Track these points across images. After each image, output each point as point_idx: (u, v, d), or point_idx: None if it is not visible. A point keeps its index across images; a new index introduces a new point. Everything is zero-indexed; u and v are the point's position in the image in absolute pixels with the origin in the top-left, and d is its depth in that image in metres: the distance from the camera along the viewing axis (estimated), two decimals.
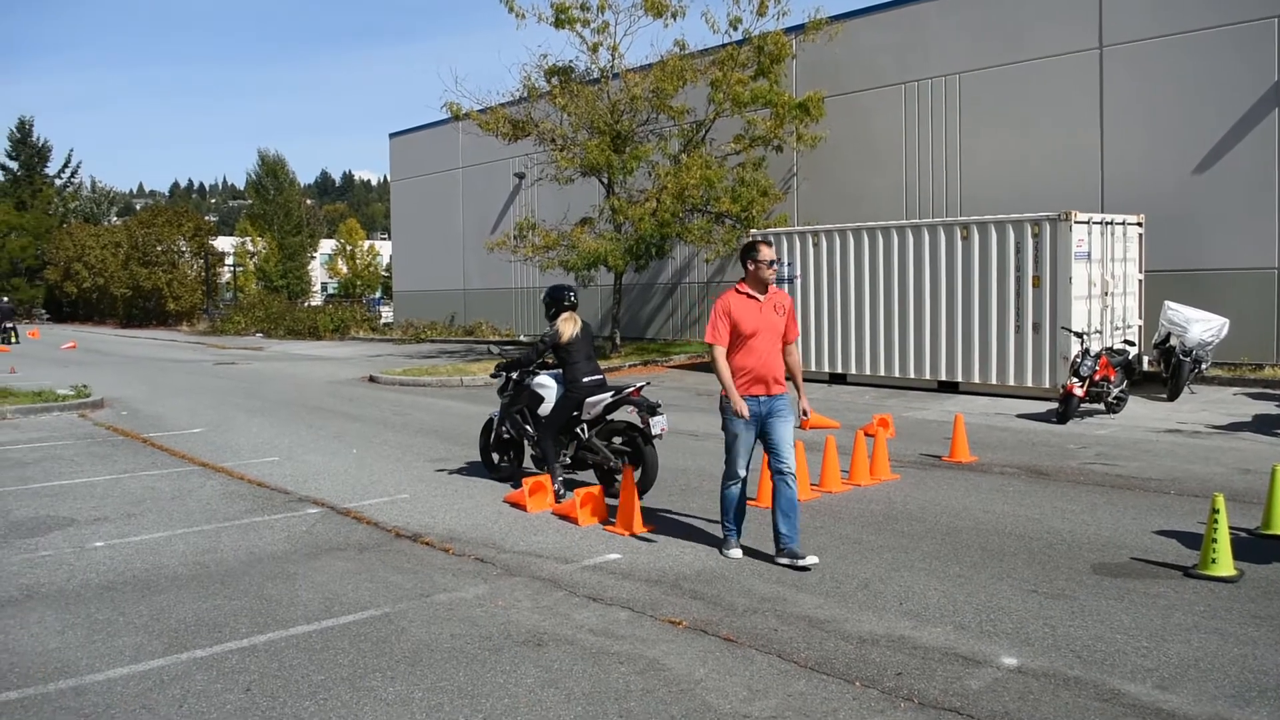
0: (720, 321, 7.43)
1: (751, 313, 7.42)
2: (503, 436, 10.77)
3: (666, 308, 30.45)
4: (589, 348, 9.95)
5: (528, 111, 25.95)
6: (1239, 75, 18.35)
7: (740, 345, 7.41)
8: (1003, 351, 17.13)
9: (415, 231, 41.76)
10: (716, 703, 5.03)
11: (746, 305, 7.45)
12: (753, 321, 7.38)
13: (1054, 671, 5.35)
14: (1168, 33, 19.26)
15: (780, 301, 7.62)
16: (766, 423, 7.48)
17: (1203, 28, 18.78)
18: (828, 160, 24.95)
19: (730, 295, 7.54)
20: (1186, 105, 19.08)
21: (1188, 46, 19.00)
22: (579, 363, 9.77)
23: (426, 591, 6.94)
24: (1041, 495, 9.67)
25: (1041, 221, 16.66)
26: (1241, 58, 18.30)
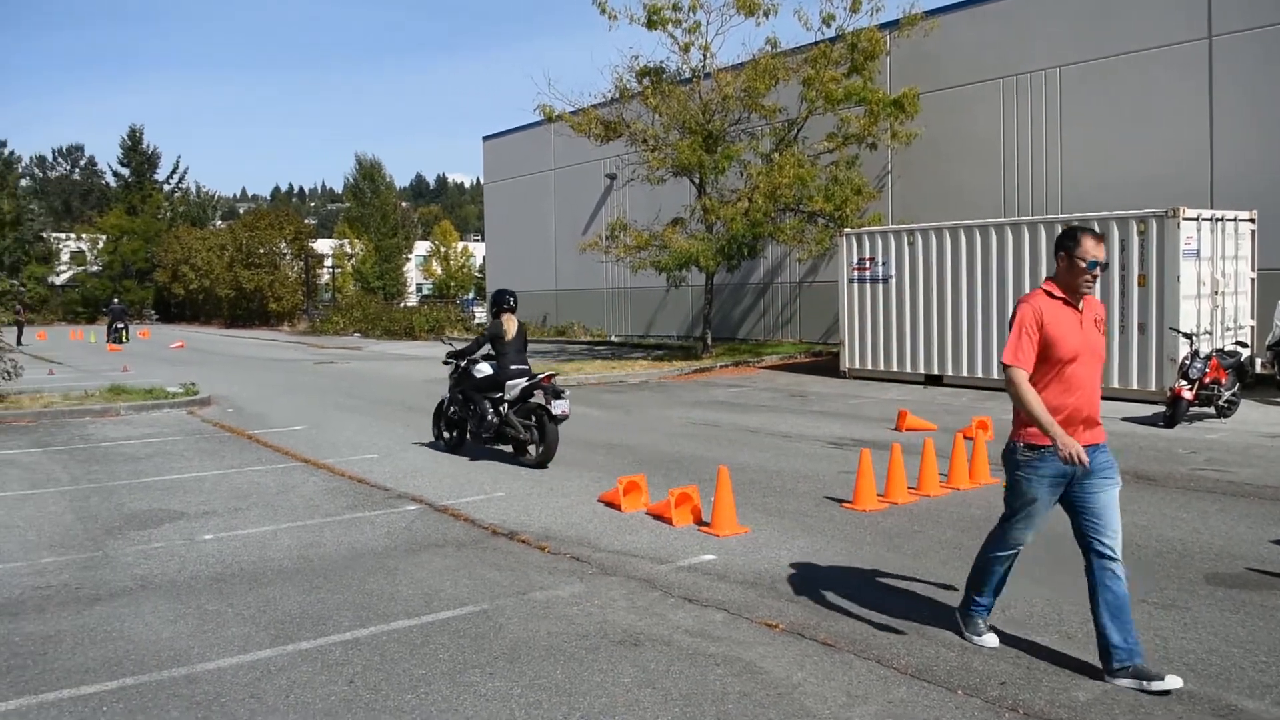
0: (1027, 335, 5.28)
1: (1070, 327, 5.30)
2: (450, 415, 12.84)
3: (758, 308, 30.29)
4: (520, 343, 12.29)
5: (619, 112, 26.04)
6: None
7: (1052, 373, 5.31)
8: (1106, 353, 16.63)
9: (508, 233, 42.26)
10: (815, 707, 4.98)
11: (1063, 315, 5.32)
12: (1073, 340, 5.29)
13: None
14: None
15: (1099, 314, 5.52)
16: (1082, 484, 5.46)
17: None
18: (923, 157, 24.56)
19: (1039, 299, 5.37)
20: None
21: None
22: (509, 354, 12.13)
23: (523, 589, 7.00)
24: (1149, 502, 9.37)
25: (1147, 218, 16.16)
26: None
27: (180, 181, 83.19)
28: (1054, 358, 5.26)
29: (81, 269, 75.55)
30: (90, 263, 75.51)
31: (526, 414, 11.80)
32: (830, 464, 11.59)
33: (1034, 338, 5.26)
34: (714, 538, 8.25)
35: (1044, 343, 5.26)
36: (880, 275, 20.22)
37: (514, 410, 11.88)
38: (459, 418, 12.68)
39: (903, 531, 8.35)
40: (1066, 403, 5.31)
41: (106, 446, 13.64)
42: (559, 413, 11.42)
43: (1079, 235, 5.27)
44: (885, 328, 20.22)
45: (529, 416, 11.76)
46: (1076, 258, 5.24)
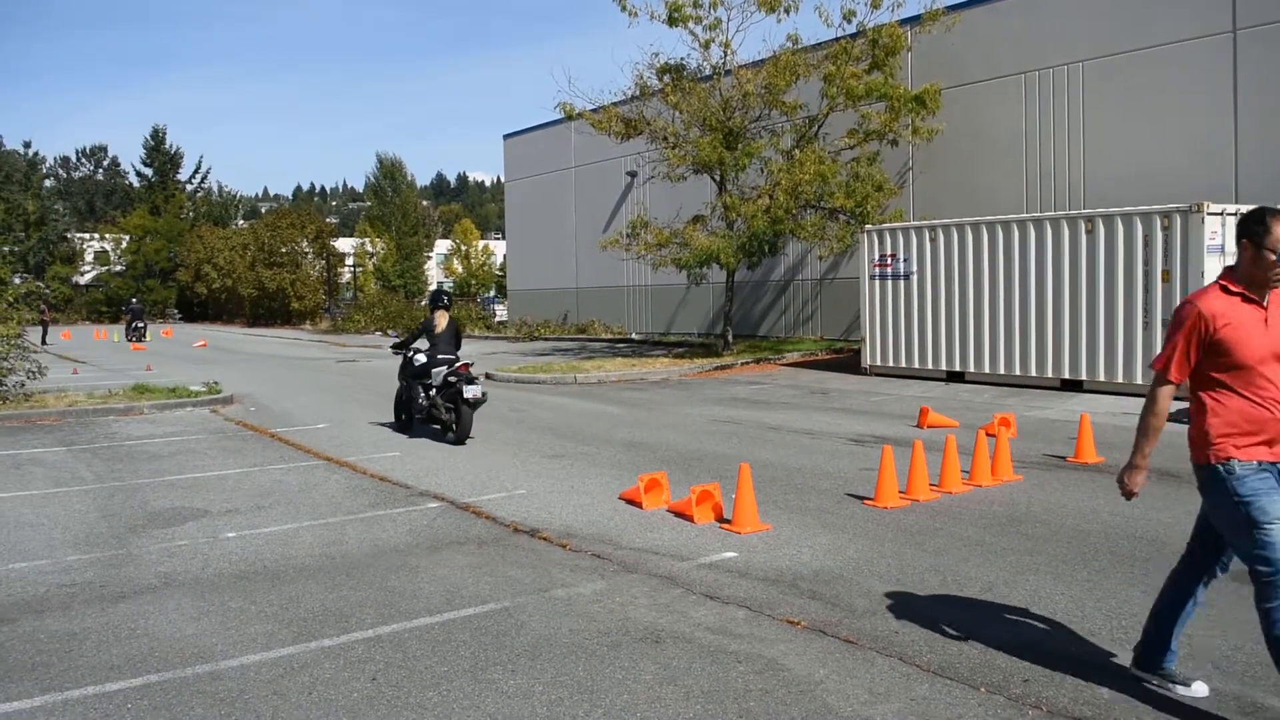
0: (1185, 341, 4.64)
1: (1253, 327, 4.53)
2: (400, 400, 14.56)
3: (779, 305, 30.23)
4: (450, 335, 14.07)
5: (639, 110, 26.03)
6: None
7: (1238, 382, 4.57)
8: (1129, 349, 16.53)
9: (528, 231, 42.33)
10: (837, 705, 4.96)
11: (1244, 314, 4.55)
12: (1257, 342, 4.52)
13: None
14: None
15: None
16: None
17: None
18: (944, 153, 24.44)
19: (1213, 297, 4.60)
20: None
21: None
22: (439, 345, 13.93)
23: (545, 586, 7.01)
24: (1175, 498, 9.29)
25: (1171, 214, 16.03)
26: None
27: (203, 181, 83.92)
28: (1236, 364, 4.50)
29: (105, 269, 76.20)
30: (114, 263, 76.14)
31: (450, 398, 13.41)
32: (852, 461, 11.55)
33: (1196, 341, 4.58)
34: (735, 535, 8.23)
35: (1221, 347, 4.51)
36: (902, 272, 20.14)
37: (440, 394, 13.60)
38: (405, 399, 14.41)
39: (924, 529, 8.31)
40: (1261, 415, 4.52)
41: (130, 445, 13.75)
42: (469, 397, 13.14)
43: (1269, 220, 4.43)
44: (906, 324, 20.13)
45: (452, 400, 13.38)
46: (1266, 248, 4.42)
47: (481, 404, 13.52)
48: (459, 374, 13.42)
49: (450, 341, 14.01)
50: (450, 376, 13.50)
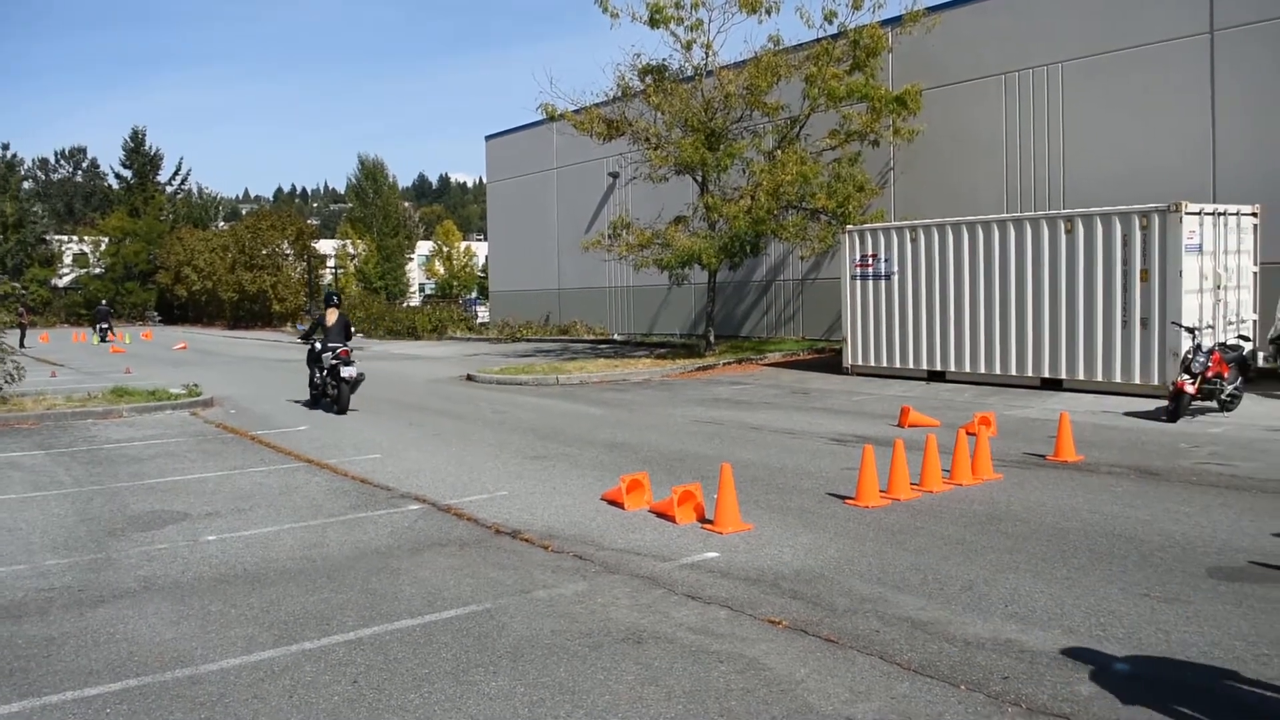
0: None
1: None
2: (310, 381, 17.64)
3: (761, 305, 30.28)
4: (339, 328, 17.02)
5: (621, 111, 26.03)
6: None
7: None
8: (1109, 348, 16.64)
9: (511, 232, 42.28)
10: (818, 703, 4.98)
11: None
12: None
13: (1169, 678, 5.18)
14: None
15: None
16: None
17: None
18: (925, 154, 24.53)
19: None
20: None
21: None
22: (330, 337, 16.94)
23: (527, 588, 7.01)
24: (1152, 496, 9.36)
25: (1150, 213, 16.13)
26: None
27: (182, 183, 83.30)
28: None
29: (84, 271, 75.58)
30: (93, 265, 75.53)
31: (334, 378, 16.66)
32: (833, 460, 11.59)
33: None
34: (717, 535, 8.24)
35: None
36: (883, 272, 20.21)
37: (329, 375, 16.84)
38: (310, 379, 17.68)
39: (905, 528, 8.34)
40: None
41: (109, 448, 13.66)
42: (345, 376, 16.46)
43: None
44: (888, 324, 20.20)
45: (335, 379, 16.66)
46: None
47: (360, 382, 16.81)
48: (339, 358, 16.59)
49: (339, 333, 17.02)
50: (333, 360, 16.65)
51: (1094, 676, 5.22)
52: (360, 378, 16.80)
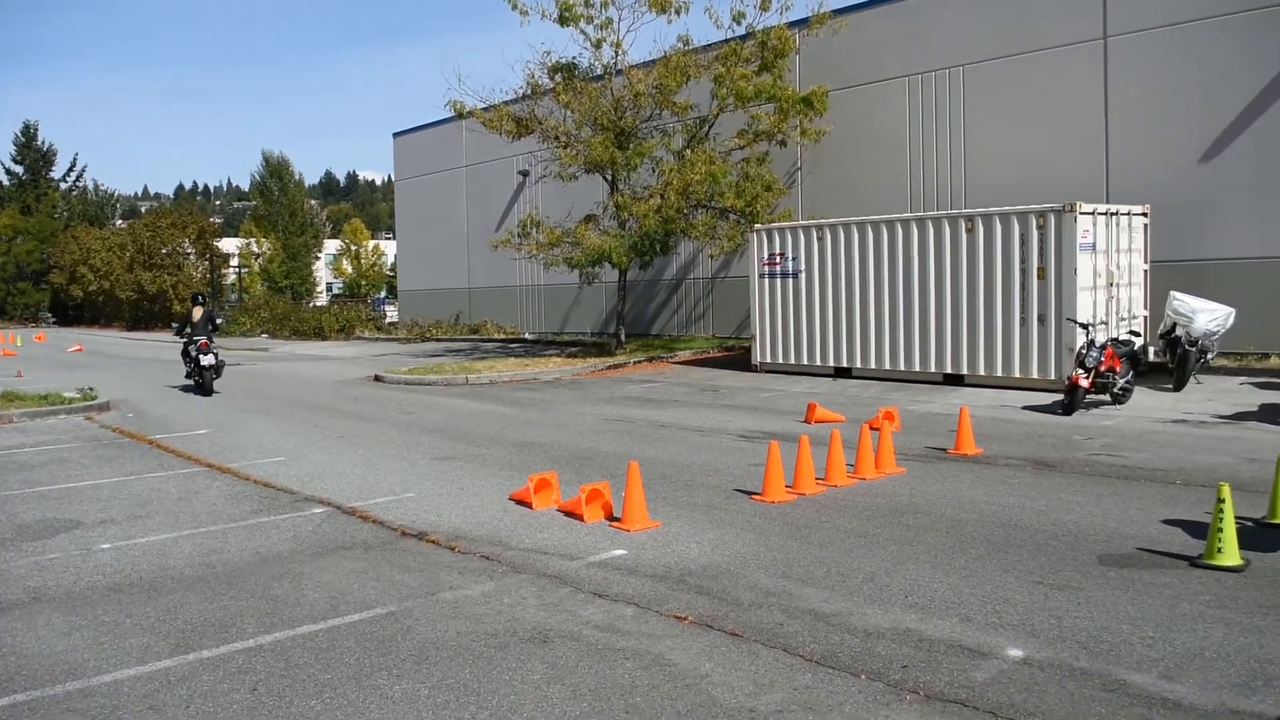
0: None
1: None
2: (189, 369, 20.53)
3: (671, 304, 30.43)
4: (204, 323, 20.18)
5: (531, 109, 25.92)
6: (1243, 64, 18.27)
7: None
8: (1008, 344, 17.10)
9: (420, 230, 41.80)
10: (722, 697, 5.03)
11: None
12: None
13: (1060, 662, 5.34)
14: (1172, 22, 19.17)
15: None
16: None
17: (1207, 16, 18.69)
18: (832, 154, 24.91)
19: None
20: (1191, 94, 19.00)
21: (1192, 35, 18.91)
22: (197, 331, 20.08)
23: (432, 589, 6.95)
24: (1047, 487, 9.65)
25: (1046, 213, 16.63)
26: (1245, 46, 18.21)
27: (78, 180, 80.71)
28: None
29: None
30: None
31: (198, 366, 19.75)
32: (741, 457, 11.71)
33: None
34: (625, 533, 8.27)
35: None
36: (790, 270, 20.48)
37: (195, 363, 19.88)
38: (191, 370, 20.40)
39: (810, 522, 8.47)
40: None
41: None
42: (205, 364, 19.66)
43: None
44: (795, 322, 20.47)
45: (198, 367, 19.78)
46: None
47: (222, 367, 20.20)
48: (200, 349, 19.68)
49: (203, 327, 20.12)
50: (196, 351, 19.80)
51: (989, 663, 5.37)
52: (221, 364, 20.16)
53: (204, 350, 19.60)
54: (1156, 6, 19.39)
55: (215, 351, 20.02)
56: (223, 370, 20.34)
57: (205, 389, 19.70)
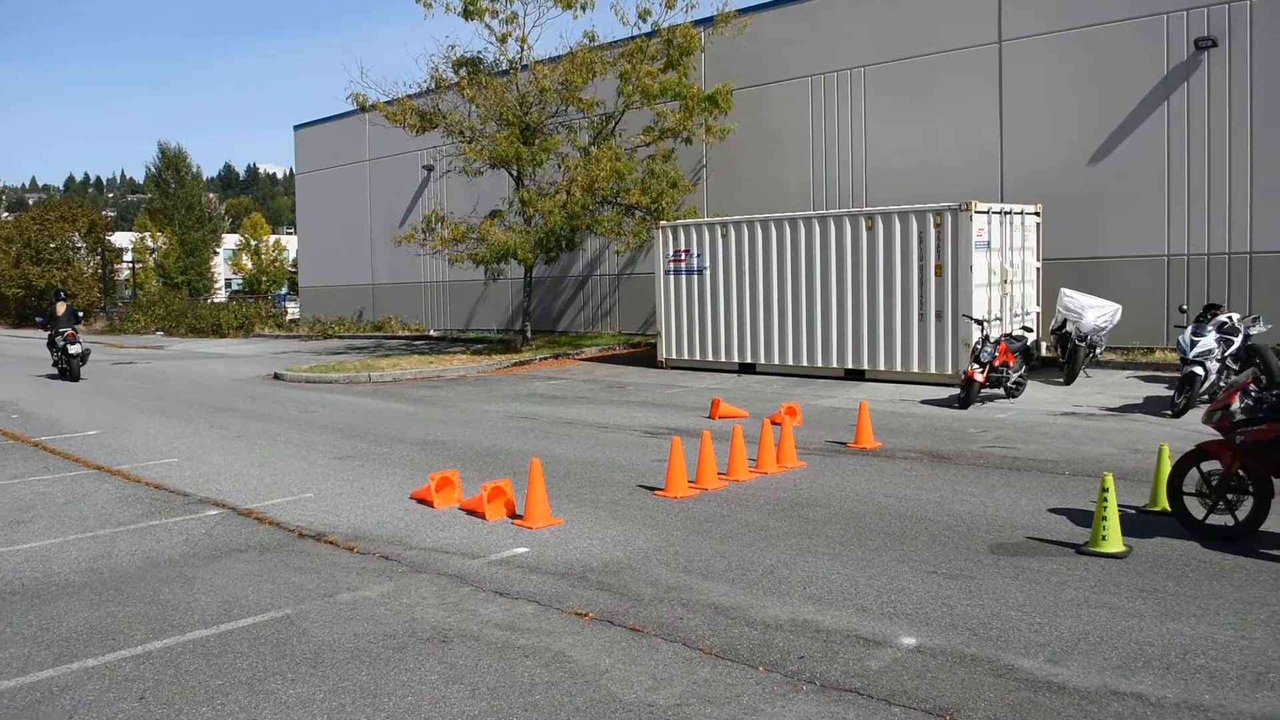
0: None
1: None
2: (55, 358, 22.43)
3: (578, 300, 30.38)
4: (68, 316, 22.42)
5: (435, 103, 25.61)
6: (1130, 69, 18.94)
7: None
8: (907, 339, 17.46)
9: (322, 225, 41.00)
10: (621, 692, 5.04)
11: None
12: None
13: (951, 649, 5.47)
14: (1063, 28, 19.77)
15: None
16: None
17: (1096, 23, 19.32)
18: (736, 152, 25.13)
19: None
20: (1081, 98, 19.62)
21: (1082, 41, 19.54)
22: (60, 324, 22.14)
23: (329, 591, 6.83)
24: (943, 479, 9.88)
25: (943, 211, 17.02)
26: (1133, 52, 18.88)
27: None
28: None
29: None
30: None
31: (65, 355, 21.70)
32: (645, 453, 11.75)
33: None
34: (527, 530, 8.24)
35: None
36: (695, 267, 20.61)
37: (62, 353, 21.81)
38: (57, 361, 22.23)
39: (711, 516, 8.54)
40: None
41: None
42: (73, 351, 21.70)
43: None
44: (701, 318, 20.61)
45: (65, 355, 21.71)
46: None
47: (87, 355, 22.31)
48: (67, 340, 21.74)
49: (67, 320, 22.35)
50: (63, 342, 21.75)
51: (883, 652, 5.48)
52: (87, 351, 22.33)
53: (71, 340, 21.69)
54: (1048, 13, 19.97)
55: (80, 341, 22.12)
56: (88, 358, 22.45)
57: (73, 374, 21.64)
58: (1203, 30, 18.06)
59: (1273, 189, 17.52)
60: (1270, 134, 17.48)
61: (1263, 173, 17.60)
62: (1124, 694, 4.88)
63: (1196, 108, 18.28)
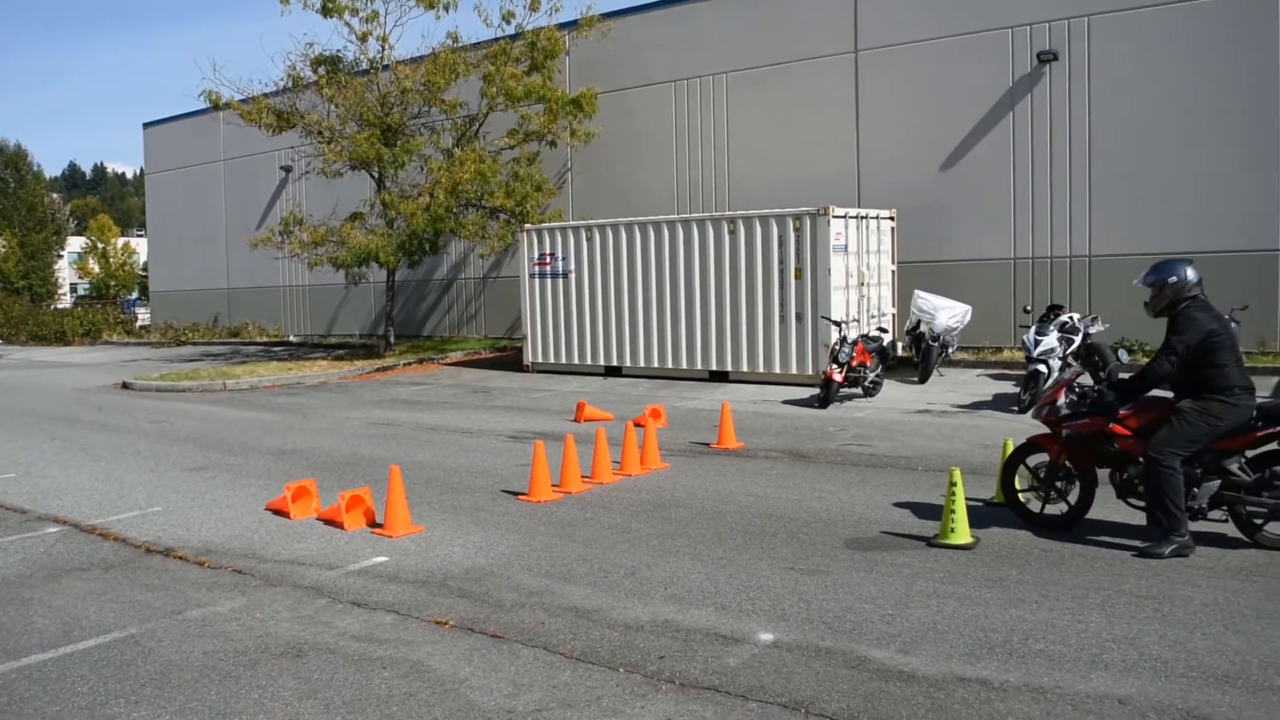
0: None
1: None
2: None
3: (443, 304, 30.00)
4: None
5: (293, 102, 24.93)
6: (979, 80, 19.72)
7: None
8: (769, 341, 17.80)
9: (174, 228, 39.45)
10: (481, 700, 5.00)
11: None
12: None
13: (807, 644, 5.60)
14: (916, 39, 20.47)
15: None
16: None
17: (946, 35, 20.07)
18: (601, 156, 25.21)
19: None
20: (933, 107, 20.34)
21: (934, 52, 20.25)
22: None
23: (178, 609, 6.57)
24: (802, 477, 10.10)
25: (802, 216, 17.40)
26: (981, 63, 19.67)
27: None
28: None
29: None
30: None
31: None
32: (509, 458, 11.67)
33: None
34: (387, 539, 8.08)
35: None
36: (560, 270, 20.58)
37: None
38: None
39: (575, 520, 8.54)
40: None
41: None
42: None
43: None
44: (566, 321, 20.60)
45: None
46: None
47: None
48: None
49: None
50: None
51: (741, 648, 5.56)
52: None
53: None
54: (902, 25, 20.65)
55: None
56: None
57: None
58: (1045, 44, 18.95)
59: (1109, 195, 18.50)
60: (1107, 143, 18.46)
61: (1100, 180, 18.56)
62: (969, 680, 5.07)
63: (1040, 117, 19.17)
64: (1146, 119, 18.08)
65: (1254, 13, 17.09)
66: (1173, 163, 17.88)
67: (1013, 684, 5.01)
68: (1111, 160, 18.43)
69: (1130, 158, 18.25)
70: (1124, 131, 18.28)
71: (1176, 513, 6.89)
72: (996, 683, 5.03)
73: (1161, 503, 6.93)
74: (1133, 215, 18.27)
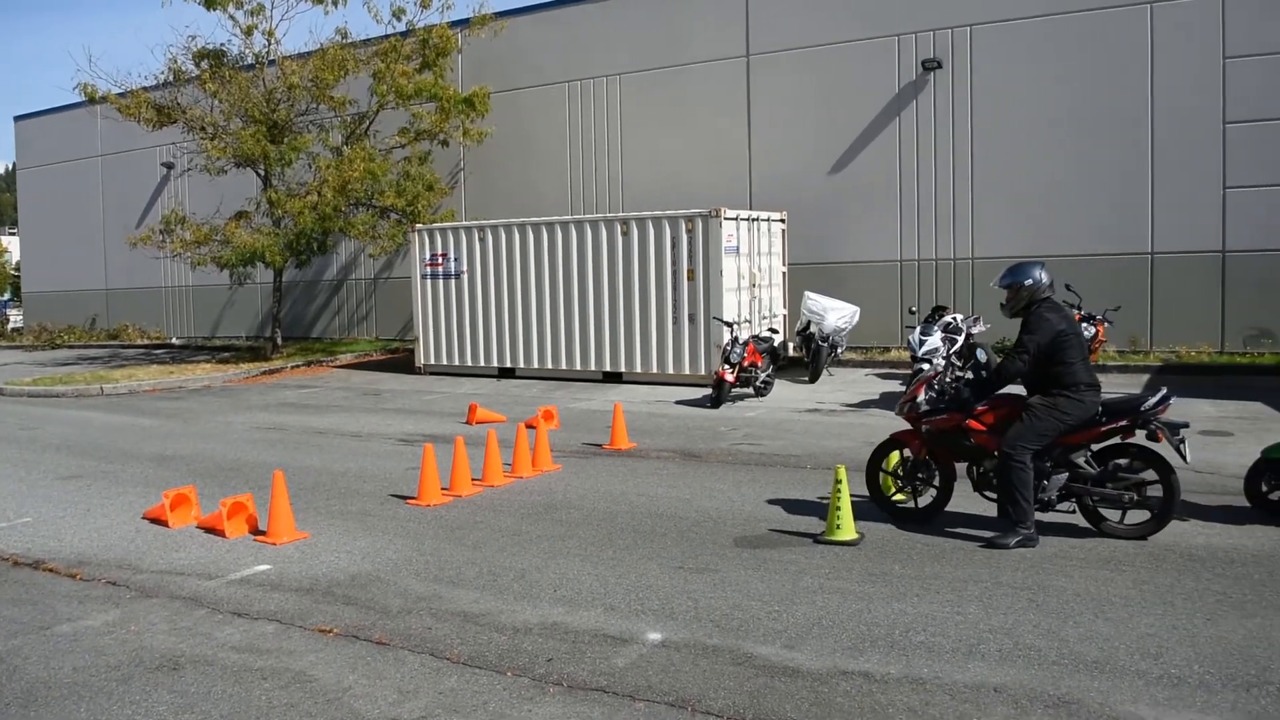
0: None
1: None
2: None
3: (332, 306, 29.43)
4: None
5: (174, 97, 24.15)
6: (867, 86, 20.16)
7: None
8: (662, 342, 17.90)
9: (49, 225, 37.84)
10: (364, 709, 4.91)
11: None
12: None
13: (695, 642, 5.64)
14: (806, 45, 20.83)
15: None
16: None
17: (836, 41, 20.47)
18: (494, 156, 25.03)
19: None
20: (823, 112, 20.72)
21: (824, 58, 20.64)
22: None
23: (47, 623, 6.31)
24: (694, 477, 10.18)
25: (694, 217, 17.54)
26: (869, 70, 20.11)
27: None
28: None
29: None
30: None
31: None
32: (399, 461, 11.50)
33: None
34: (270, 546, 7.89)
35: None
36: (453, 271, 20.37)
37: None
38: None
39: (465, 523, 8.46)
40: None
41: None
42: None
43: None
44: (459, 323, 20.40)
45: None
46: None
47: None
48: None
49: None
50: None
51: (629, 649, 5.58)
52: None
53: None
54: (792, 31, 20.99)
55: None
56: None
57: None
58: (930, 52, 19.48)
59: (991, 200, 19.10)
60: (987, 149, 19.06)
61: (981, 184, 19.16)
62: (852, 673, 5.18)
63: (925, 123, 19.69)
64: (1026, 126, 18.72)
65: (1128, 26, 17.86)
66: (1051, 169, 18.55)
67: (894, 676, 5.13)
68: (993, 165, 19.04)
69: (1011, 163, 18.88)
70: (1005, 138, 18.91)
71: (1025, 505, 7.19)
72: (879, 675, 5.15)
73: (1012, 496, 7.22)
74: (1014, 219, 18.90)
